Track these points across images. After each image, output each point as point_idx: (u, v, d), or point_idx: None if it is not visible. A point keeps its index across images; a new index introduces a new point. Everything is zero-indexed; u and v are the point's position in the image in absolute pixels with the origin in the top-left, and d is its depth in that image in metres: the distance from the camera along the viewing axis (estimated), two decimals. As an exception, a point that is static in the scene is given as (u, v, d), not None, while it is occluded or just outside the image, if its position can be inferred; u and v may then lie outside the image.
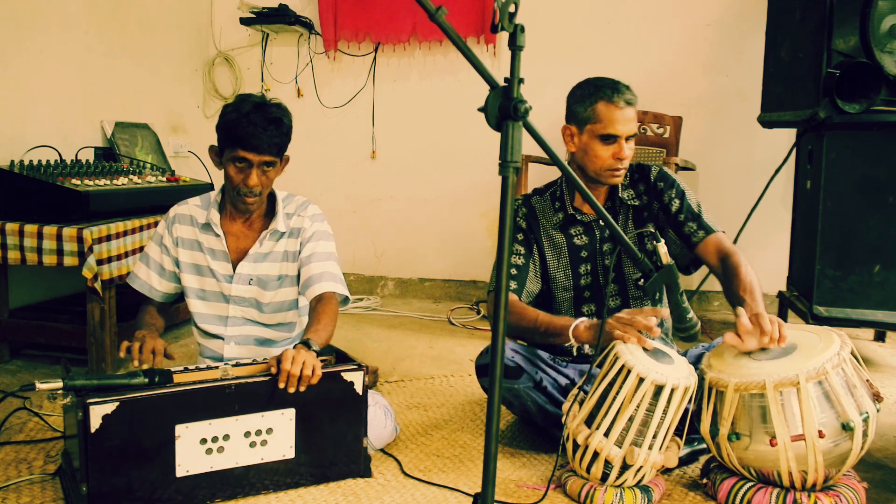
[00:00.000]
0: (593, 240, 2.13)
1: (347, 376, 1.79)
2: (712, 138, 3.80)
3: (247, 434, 1.70)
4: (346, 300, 2.04)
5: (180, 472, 1.64)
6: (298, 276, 2.06)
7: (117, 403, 1.55)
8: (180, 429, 1.62)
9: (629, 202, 2.12)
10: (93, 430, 1.53)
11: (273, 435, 1.73)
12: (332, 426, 1.80)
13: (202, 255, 2.07)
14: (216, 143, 1.99)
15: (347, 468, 1.84)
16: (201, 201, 2.11)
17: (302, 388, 1.70)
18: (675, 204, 2.09)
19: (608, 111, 1.99)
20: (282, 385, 1.68)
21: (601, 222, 2.11)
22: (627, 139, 2.02)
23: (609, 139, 2.00)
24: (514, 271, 2.09)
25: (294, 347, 1.78)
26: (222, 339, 2.08)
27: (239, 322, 2.07)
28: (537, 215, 2.15)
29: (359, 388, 1.80)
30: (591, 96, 2.02)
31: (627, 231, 2.10)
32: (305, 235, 2.06)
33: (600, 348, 1.81)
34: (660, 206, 2.11)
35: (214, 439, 1.66)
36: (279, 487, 1.76)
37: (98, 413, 1.53)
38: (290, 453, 1.76)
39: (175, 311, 2.85)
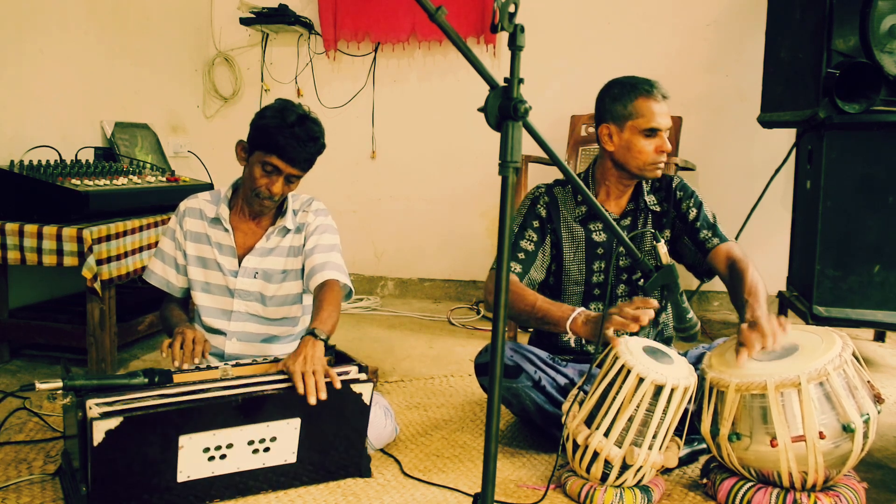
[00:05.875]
0: (611, 238, 2.13)
1: (357, 388, 1.76)
2: (712, 138, 3.80)
3: (250, 442, 1.69)
4: (349, 293, 2.05)
5: (181, 477, 1.63)
6: (303, 269, 2.08)
7: (121, 419, 1.52)
8: (184, 439, 1.61)
9: (651, 207, 2.14)
10: (95, 444, 1.51)
11: (276, 442, 1.71)
12: (336, 433, 1.80)
13: (209, 249, 2.08)
14: (244, 140, 2.00)
15: (347, 468, 1.84)
16: (211, 196, 2.13)
17: (322, 396, 1.66)
18: (693, 213, 2.13)
19: (648, 105, 2.02)
20: (300, 391, 1.65)
21: (622, 221, 2.14)
22: (666, 132, 2.05)
23: (651, 133, 2.03)
24: (521, 255, 2.10)
25: (301, 339, 1.78)
26: (224, 335, 2.08)
27: (242, 317, 2.08)
28: (559, 205, 2.16)
29: (367, 399, 1.78)
30: (630, 93, 2.04)
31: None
32: (310, 229, 2.08)
33: (600, 346, 1.81)
34: (677, 214, 2.14)
35: (217, 448, 1.65)
36: (279, 487, 1.76)
37: (101, 428, 1.50)
38: (291, 458, 1.75)
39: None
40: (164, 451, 1.59)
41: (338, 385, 1.69)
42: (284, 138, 1.90)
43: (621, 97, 2.05)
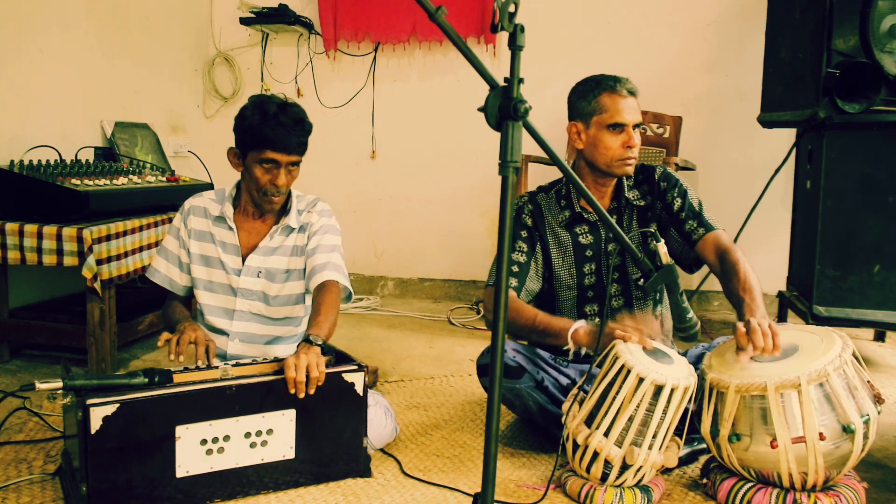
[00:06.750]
0: (598, 239, 2.13)
1: (348, 377, 1.79)
2: (712, 138, 3.80)
3: (247, 434, 1.70)
4: (349, 296, 2.05)
5: (180, 472, 1.63)
6: (305, 269, 2.08)
7: (118, 405, 1.55)
8: (181, 430, 1.62)
9: (634, 202, 2.13)
10: (93, 432, 1.53)
11: (273, 435, 1.72)
12: (333, 426, 1.80)
13: (213, 247, 2.08)
14: (234, 147, 2.01)
15: (347, 468, 1.84)
16: (216, 195, 2.14)
17: (311, 391, 1.71)
18: (678, 203, 2.10)
19: (613, 100, 2.02)
20: (292, 391, 1.69)
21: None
22: (634, 128, 2.03)
23: (617, 128, 2.02)
24: (515, 268, 2.09)
25: (297, 346, 1.79)
26: (227, 335, 2.08)
27: (245, 317, 2.08)
28: (543, 213, 2.15)
29: (359, 389, 1.80)
30: (593, 90, 2.05)
31: (631, 231, 2.10)
32: (313, 229, 2.09)
33: (600, 349, 1.81)
34: (663, 205, 2.12)
35: (215, 440, 1.66)
36: (279, 487, 1.76)
37: (98, 414, 1.53)
38: (290, 454, 1.75)
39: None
40: (162, 441, 1.60)
41: (321, 380, 1.71)
42: (272, 129, 1.91)
43: (586, 94, 2.06)
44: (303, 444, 1.76)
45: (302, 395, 1.70)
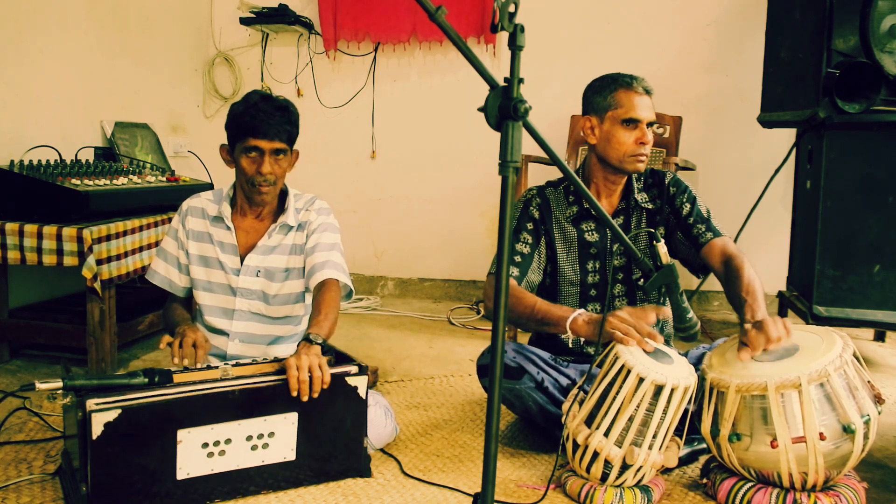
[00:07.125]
0: (604, 237, 2.13)
1: (352, 381, 1.78)
2: (712, 138, 3.80)
3: (248, 437, 1.69)
4: (349, 293, 2.05)
5: (181, 474, 1.63)
6: (304, 268, 2.08)
7: (119, 411, 1.53)
8: (182, 433, 1.61)
9: (643, 204, 2.13)
10: (94, 437, 1.52)
11: (275, 438, 1.72)
12: (334, 429, 1.80)
13: (211, 247, 2.09)
14: (226, 143, 2.03)
15: (347, 468, 1.84)
16: (213, 195, 2.14)
17: (315, 395, 1.69)
18: (686, 208, 2.11)
19: (628, 97, 2.04)
20: (294, 394, 1.67)
21: (615, 220, 2.12)
22: (648, 126, 2.05)
23: (631, 124, 2.04)
24: (518, 258, 2.10)
25: (298, 346, 1.79)
26: (227, 335, 2.08)
27: (245, 317, 2.08)
28: (551, 207, 2.16)
29: (362, 393, 1.79)
30: (609, 85, 2.07)
31: (639, 233, 2.11)
32: (311, 227, 2.09)
33: (600, 347, 1.81)
34: (671, 210, 2.13)
35: (216, 443, 1.66)
36: (279, 487, 1.76)
37: (100, 420, 1.51)
38: (290, 455, 1.75)
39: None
40: (163, 445, 1.60)
41: (326, 382, 1.70)
42: (252, 117, 1.93)
43: (602, 89, 2.08)
44: (304, 446, 1.76)
45: (305, 398, 1.68)
